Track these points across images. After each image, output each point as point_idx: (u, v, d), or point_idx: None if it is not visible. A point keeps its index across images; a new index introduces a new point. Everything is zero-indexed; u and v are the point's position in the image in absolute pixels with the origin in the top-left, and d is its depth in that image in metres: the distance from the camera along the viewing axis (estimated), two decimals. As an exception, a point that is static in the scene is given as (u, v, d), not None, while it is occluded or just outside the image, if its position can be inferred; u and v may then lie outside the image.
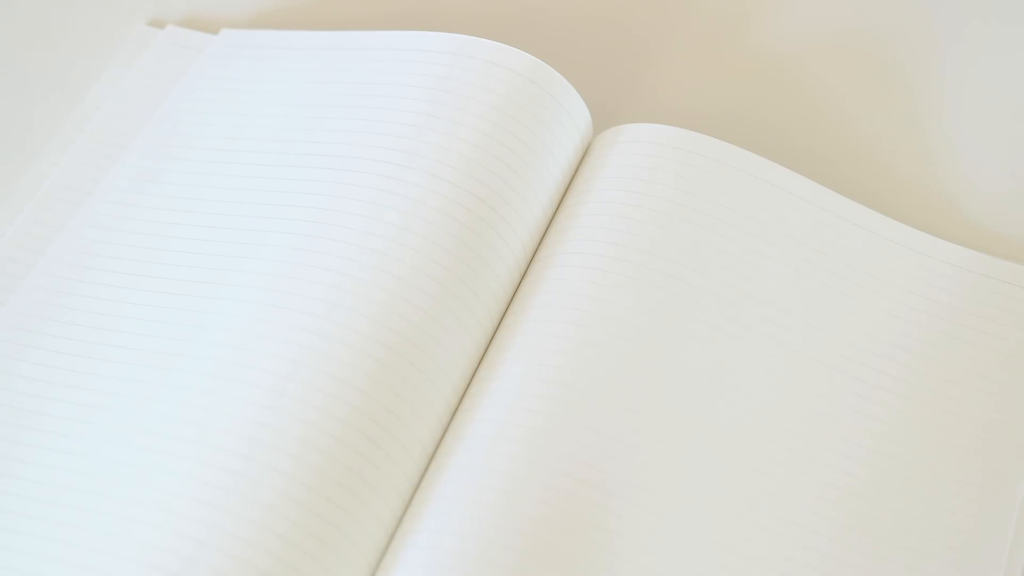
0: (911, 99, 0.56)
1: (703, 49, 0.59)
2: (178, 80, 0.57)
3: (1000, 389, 0.49)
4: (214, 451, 0.45)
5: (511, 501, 0.44)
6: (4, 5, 0.61)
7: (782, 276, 0.50)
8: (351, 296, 0.47)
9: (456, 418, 0.48)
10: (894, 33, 0.58)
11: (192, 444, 0.45)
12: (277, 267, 0.49)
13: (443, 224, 0.49)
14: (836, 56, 0.58)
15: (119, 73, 0.58)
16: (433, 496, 0.46)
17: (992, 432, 0.48)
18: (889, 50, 0.58)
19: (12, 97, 0.59)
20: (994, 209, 0.53)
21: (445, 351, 0.47)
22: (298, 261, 0.49)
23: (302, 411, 0.45)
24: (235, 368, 0.47)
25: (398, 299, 0.47)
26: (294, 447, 0.45)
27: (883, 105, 0.56)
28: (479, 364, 0.49)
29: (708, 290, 0.49)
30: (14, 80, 0.59)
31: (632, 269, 0.49)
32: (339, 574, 0.44)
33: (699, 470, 0.46)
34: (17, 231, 0.54)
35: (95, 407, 0.48)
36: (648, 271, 0.49)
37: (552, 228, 0.52)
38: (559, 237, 0.51)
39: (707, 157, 0.52)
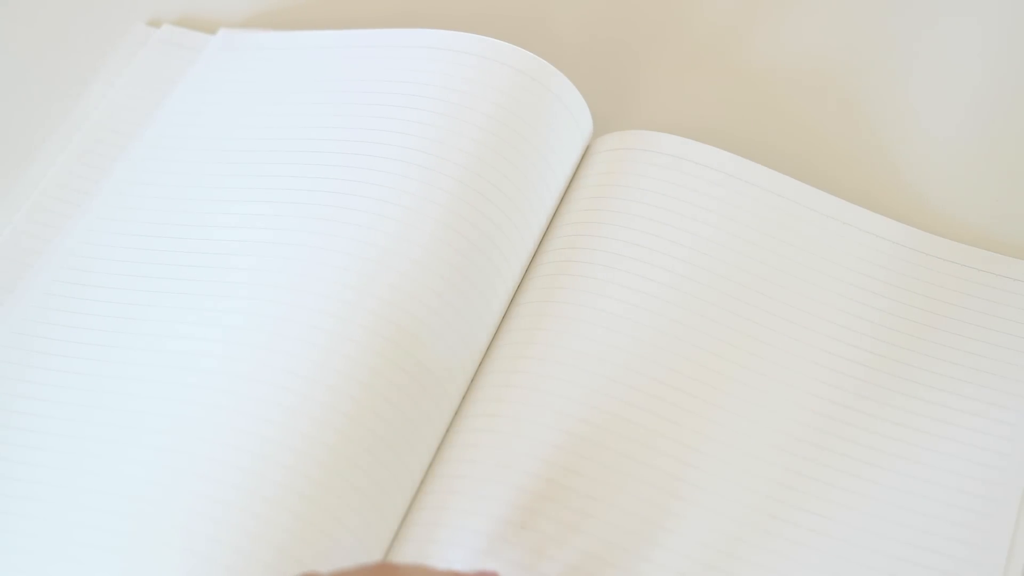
0: (885, 103, 0.57)
1: (696, 59, 0.59)
2: (174, 79, 0.57)
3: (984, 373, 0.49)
4: (229, 450, 0.45)
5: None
6: (3, 5, 0.61)
7: (781, 281, 0.51)
8: (355, 293, 0.48)
9: (458, 413, 0.49)
10: (869, 48, 0.59)
11: (207, 443, 0.46)
12: (284, 264, 0.49)
13: (450, 222, 0.49)
14: (820, 68, 0.59)
15: (116, 72, 0.58)
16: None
17: (989, 424, 0.48)
18: (865, 62, 0.59)
19: (11, 96, 0.59)
20: (957, 199, 0.55)
21: (448, 348, 0.48)
22: (306, 259, 0.49)
23: (309, 407, 0.46)
24: (248, 367, 0.47)
25: (404, 295, 0.48)
26: (300, 443, 0.45)
27: (859, 111, 0.57)
28: (482, 361, 0.50)
29: (706, 297, 0.50)
30: (13, 79, 0.59)
31: (633, 280, 0.50)
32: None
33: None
34: (15, 230, 0.54)
35: (96, 409, 0.48)
36: (648, 281, 0.50)
37: (555, 231, 0.52)
38: (565, 242, 0.51)
39: (704, 165, 0.52)
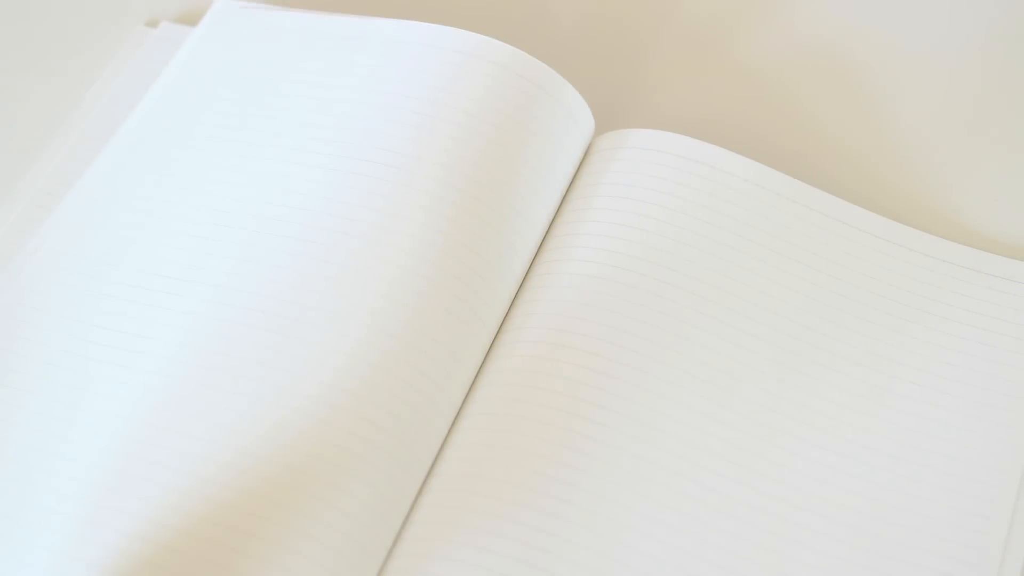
0: (885, 103, 0.58)
1: (697, 56, 0.60)
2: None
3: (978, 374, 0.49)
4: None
5: None
6: (4, 5, 0.62)
7: (781, 280, 0.51)
8: (354, 289, 0.48)
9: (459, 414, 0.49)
10: (869, 43, 0.60)
11: None
12: (295, 245, 0.50)
13: (430, 222, 0.49)
14: (820, 64, 0.59)
15: (116, 72, 0.59)
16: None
17: (984, 422, 0.48)
18: (864, 58, 0.59)
19: (11, 97, 0.60)
20: (959, 199, 0.55)
21: (449, 354, 0.48)
22: (303, 253, 0.49)
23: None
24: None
25: (401, 291, 0.48)
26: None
27: (861, 109, 0.58)
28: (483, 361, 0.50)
29: (706, 296, 0.50)
30: (13, 79, 0.60)
31: (630, 276, 0.50)
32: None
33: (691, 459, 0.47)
34: (11, 229, 0.54)
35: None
36: (647, 278, 0.50)
37: (557, 230, 0.52)
38: (565, 241, 0.52)
39: (707, 164, 0.52)
